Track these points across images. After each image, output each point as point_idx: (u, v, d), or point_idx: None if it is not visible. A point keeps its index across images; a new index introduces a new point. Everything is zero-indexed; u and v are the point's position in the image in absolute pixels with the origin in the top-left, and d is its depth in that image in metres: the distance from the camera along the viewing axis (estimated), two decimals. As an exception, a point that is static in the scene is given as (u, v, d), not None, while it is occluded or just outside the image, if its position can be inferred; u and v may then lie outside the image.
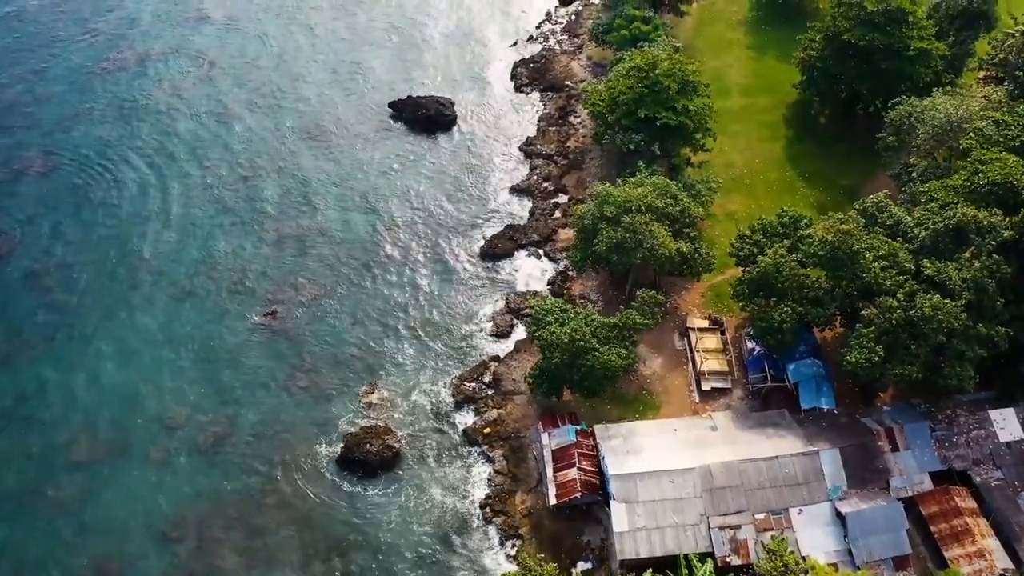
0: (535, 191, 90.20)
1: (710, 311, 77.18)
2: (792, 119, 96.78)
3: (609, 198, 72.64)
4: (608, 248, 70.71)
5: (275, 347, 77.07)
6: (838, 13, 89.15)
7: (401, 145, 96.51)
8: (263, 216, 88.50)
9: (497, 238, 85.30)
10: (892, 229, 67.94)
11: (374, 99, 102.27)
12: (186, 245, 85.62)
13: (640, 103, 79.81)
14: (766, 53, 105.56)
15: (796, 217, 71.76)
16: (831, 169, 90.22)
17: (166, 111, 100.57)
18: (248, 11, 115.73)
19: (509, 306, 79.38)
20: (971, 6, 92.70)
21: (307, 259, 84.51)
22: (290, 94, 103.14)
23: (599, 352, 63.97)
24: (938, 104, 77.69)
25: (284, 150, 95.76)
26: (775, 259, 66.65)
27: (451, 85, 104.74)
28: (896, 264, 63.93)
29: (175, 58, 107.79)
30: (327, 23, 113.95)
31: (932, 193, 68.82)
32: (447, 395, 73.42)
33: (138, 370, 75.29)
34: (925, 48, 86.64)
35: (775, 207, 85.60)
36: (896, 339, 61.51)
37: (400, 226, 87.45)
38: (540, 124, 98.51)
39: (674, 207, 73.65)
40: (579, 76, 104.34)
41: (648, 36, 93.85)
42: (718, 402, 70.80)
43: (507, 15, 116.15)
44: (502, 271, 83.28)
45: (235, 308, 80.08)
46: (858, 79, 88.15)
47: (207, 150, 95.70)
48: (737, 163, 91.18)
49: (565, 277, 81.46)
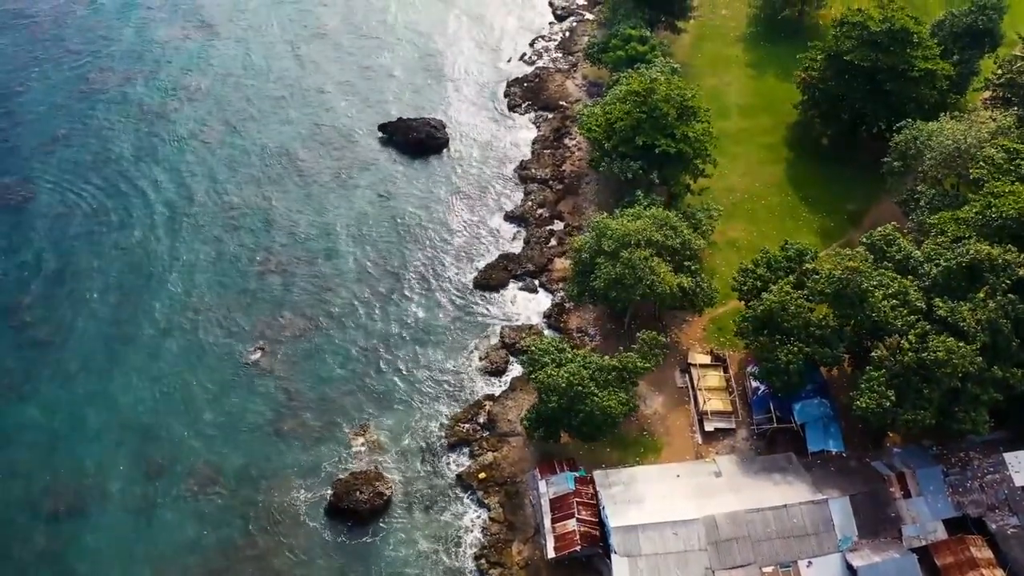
0: (530, 218, 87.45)
1: (712, 346, 74.55)
2: (793, 140, 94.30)
3: (607, 231, 69.98)
4: (606, 284, 68.09)
5: (261, 387, 74.12)
6: (840, 33, 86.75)
7: (391, 170, 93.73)
8: (248, 248, 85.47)
9: (491, 268, 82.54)
10: (901, 264, 65.41)
11: (363, 121, 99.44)
12: (169, 279, 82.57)
13: (638, 130, 77.16)
14: (765, 71, 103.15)
15: (801, 250, 69.18)
16: (834, 193, 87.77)
17: (148, 135, 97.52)
18: (233, 32, 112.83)
19: (504, 341, 76.58)
20: (976, 24, 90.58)
21: (293, 293, 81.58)
22: (277, 117, 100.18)
23: (598, 397, 61.27)
24: (946, 129, 75.29)
25: (270, 176, 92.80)
26: (780, 296, 64.05)
27: (443, 105, 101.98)
28: (907, 303, 61.37)
29: (157, 80, 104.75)
30: (314, 43, 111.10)
31: (942, 226, 66.29)
32: (440, 437, 70.57)
33: (120, 412, 72.24)
34: (930, 69, 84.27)
35: (777, 234, 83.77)
36: (908, 383, 58.95)
37: (390, 256, 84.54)
38: (534, 146, 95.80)
39: (674, 239, 71.06)
40: (574, 96, 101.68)
41: (645, 56, 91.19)
42: (722, 443, 68.20)
43: (501, 32, 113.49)
44: (496, 303, 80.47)
45: (219, 345, 77.05)
46: (861, 101, 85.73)
47: (190, 177, 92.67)
48: (738, 187, 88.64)
49: (562, 309, 78.73)
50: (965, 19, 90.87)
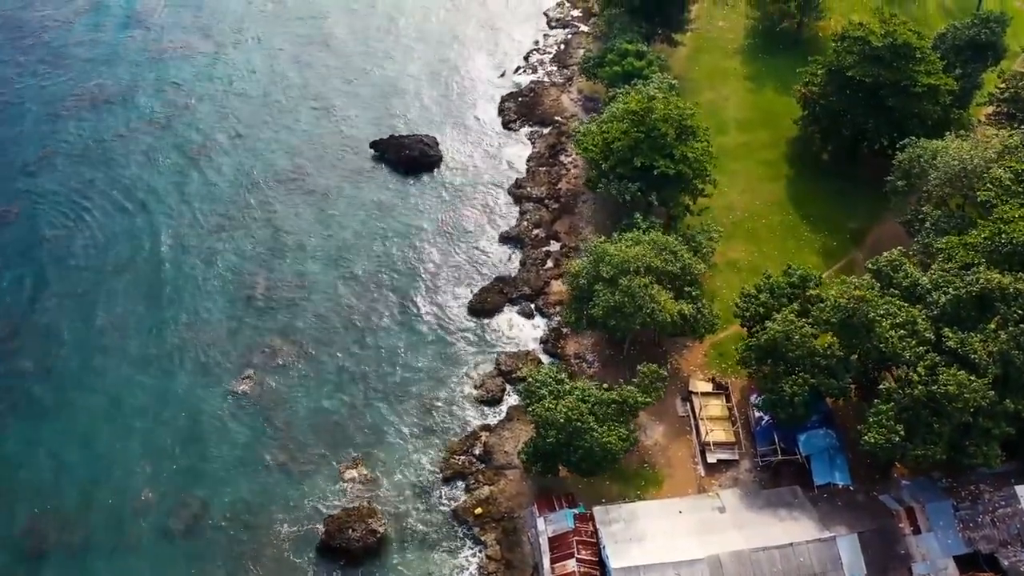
0: (525, 239, 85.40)
1: (713, 372, 72.59)
2: (794, 156, 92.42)
3: (605, 256, 67.97)
4: (605, 313, 66.11)
5: (249, 418, 71.88)
6: (841, 48, 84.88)
7: (383, 189, 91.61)
8: (237, 270, 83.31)
9: (486, 292, 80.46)
10: (908, 291, 63.51)
11: (355, 138, 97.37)
12: (156, 304, 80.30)
13: (635, 150, 75.17)
14: (764, 84, 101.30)
15: (805, 276, 67.21)
16: (836, 211, 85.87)
17: (137, 153, 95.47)
18: (225, 45, 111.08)
19: (500, 368, 74.49)
20: (979, 37, 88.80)
21: (283, 318, 79.30)
22: (267, 133, 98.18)
23: (597, 432, 59.23)
24: (951, 148, 73.41)
25: (260, 196, 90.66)
26: (784, 326, 62.09)
27: (436, 121, 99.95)
28: (915, 333, 59.42)
29: (147, 95, 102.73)
30: (306, 59, 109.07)
31: (950, 251, 64.41)
32: (435, 470, 68.37)
33: (104, 446, 69.83)
34: (933, 84, 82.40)
35: (779, 254, 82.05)
36: (917, 416, 57.04)
37: (382, 279, 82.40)
38: (530, 164, 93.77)
39: (674, 264, 69.09)
40: (569, 111, 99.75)
41: (642, 72, 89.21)
42: (725, 475, 66.19)
43: (495, 45, 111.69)
44: (492, 329, 78.33)
45: (206, 375, 74.74)
46: (863, 116, 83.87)
47: (180, 197, 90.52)
48: (737, 206, 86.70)
49: (559, 335, 76.66)
50: (967, 32, 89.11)
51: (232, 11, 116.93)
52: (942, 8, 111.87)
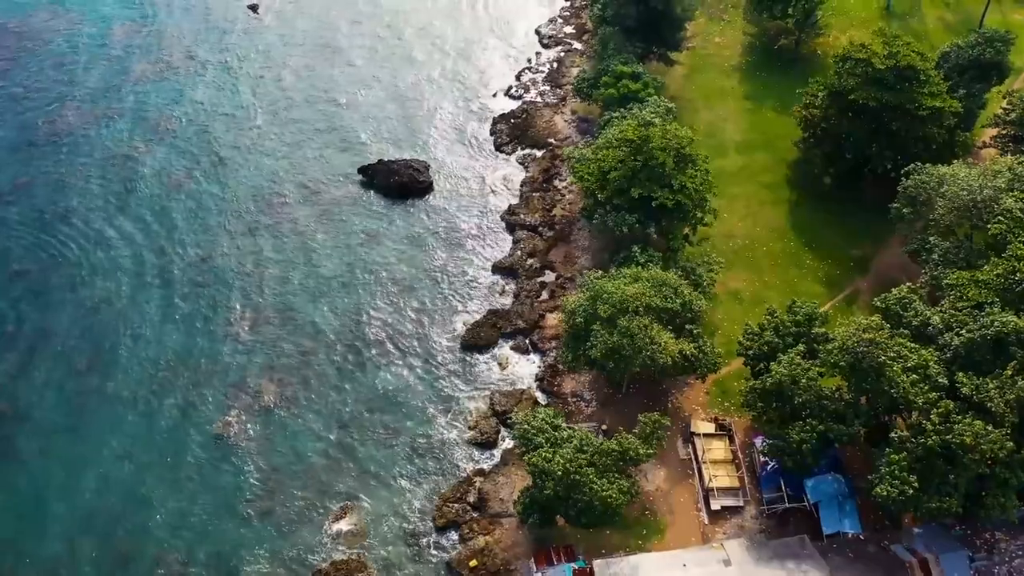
0: (519, 269, 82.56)
1: (716, 412, 69.95)
2: (794, 179, 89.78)
3: (603, 294, 65.18)
4: (603, 354, 63.37)
5: (234, 463, 68.95)
6: (843, 70, 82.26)
7: (372, 217, 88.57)
8: (219, 305, 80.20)
9: (479, 326, 77.59)
10: (918, 330, 60.97)
11: (342, 164, 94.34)
12: (135, 342, 77.25)
13: (633, 180, 72.43)
14: (763, 103, 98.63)
15: (810, 314, 64.57)
16: (839, 237, 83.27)
17: (116, 182, 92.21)
18: (206, 67, 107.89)
19: (494, 408, 71.69)
20: (983, 56, 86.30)
21: (267, 355, 76.32)
22: (251, 159, 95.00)
23: (596, 485, 56.45)
24: (959, 177, 70.87)
25: (243, 226, 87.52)
26: (791, 369, 59.50)
27: (426, 145, 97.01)
28: (927, 378, 56.84)
29: (126, 121, 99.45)
30: (290, 81, 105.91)
31: (961, 289, 61.82)
32: (427, 518, 65.52)
33: (83, 493, 67.02)
34: (938, 106, 79.94)
35: (781, 283, 79.56)
36: (931, 467, 54.43)
37: (370, 314, 79.46)
38: (523, 189, 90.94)
39: (674, 300, 66.36)
40: (563, 133, 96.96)
41: (637, 94, 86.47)
42: (729, 523, 63.49)
43: (486, 64, 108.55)
44: (485, 365, 75.44)
45: (189, 417, 71.86)
46: (866, 140, 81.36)
47: (160, 228, 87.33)
48: (738, 232, 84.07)
49: (555, 371, 73.87)
50: (971, 51, 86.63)
51: (213, 33, 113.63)
52: (942, 21, 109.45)
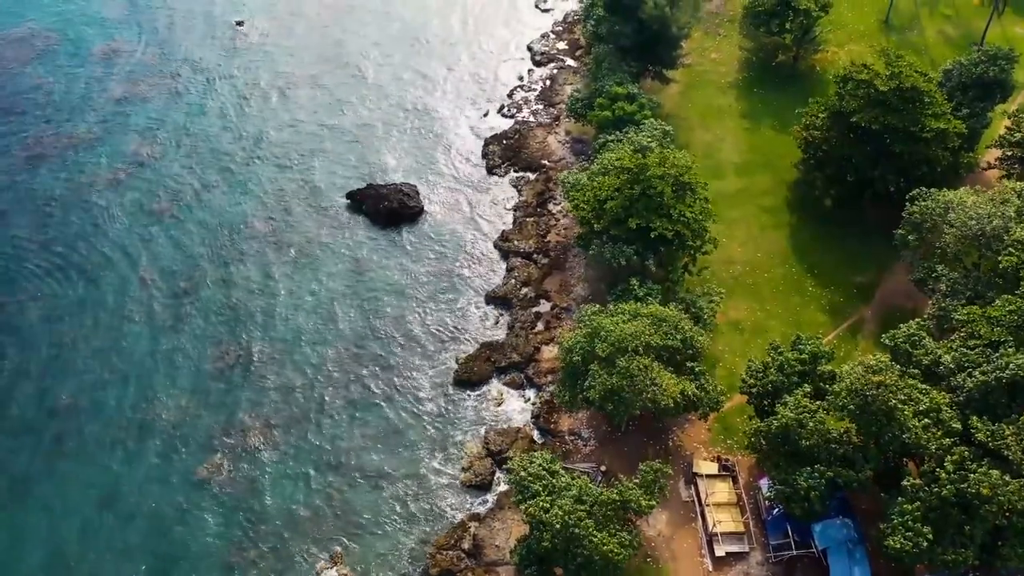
0: (513, 299, 80.00)
1: (719, 450, 67.58)
2: (795, 202, 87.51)
3: (600, 332, 62.72)
4: (602, 396, 60.92)
5: (219, 509, 66.21)
6: (844, 91, 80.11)
7: (360, 245, 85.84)
8: (203, 340, 77.44)
9: (472, 360, 75.01)
10: (928, 369, 58.75)
11: (330, 189, 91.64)
12: (116, 381, 74.34)
13: (630, 210, 70.00)
14: (761, 122, 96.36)
15: (816, 352, 62.24)
16: (842, 263, 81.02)
17: (97, 210, 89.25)
18: (189, 87, 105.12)
19: (488, 448, 69.14)
20: (987, 75, 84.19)
21: (254, 392, 73.63)
22: (236, 184, 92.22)
23: (597, 539, 53.93)
24: (967, 204, 68.71)
25: (228, 255, 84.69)
26: (797, 413, 57.18)
27: (416, 168, 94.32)
28: (940, 422, 54.61)
29: (107, 144, 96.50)
30: (277, 102, 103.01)
31: (972, 325, 59.60)
32: (421, 566, 62.83)
33: (62, 544, 64.03)
34: (942, 128, 77.83)
35: (783, 312, 77.33)
36: (946, 517, 52.19)
37: (360, 347, 76.75)
38: (516, 214, 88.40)
39: (675, 337, 63.94)
40: (557, 154, 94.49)
41: (633, 116, 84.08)
42: (734, 569, 61.03)
43: (477, 82, 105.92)
44: (479, 402, 72.82)
45: (172, 460, 69.04)
46: (869, 163, 79.16)
47: (142, 258, 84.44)
48: (738, 258, 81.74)
49: (551, 407, 71.37)
50: (975, 69, 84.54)
51: (197, 51, 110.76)
52: (942, 35, 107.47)
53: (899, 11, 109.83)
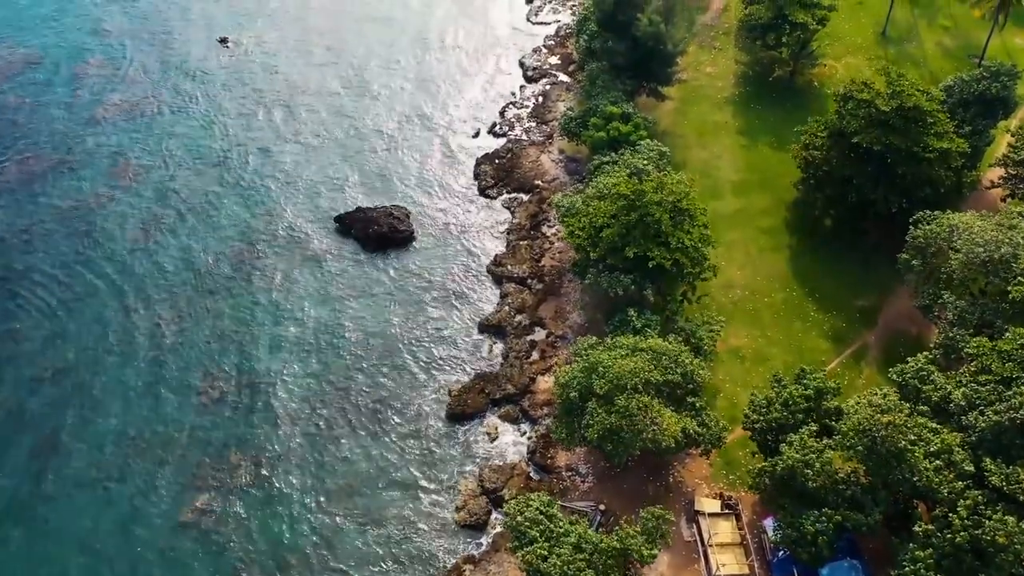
0: (507, 326, 77.74)
1: (721, 486, 65.45)
2: (794, 222, 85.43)
3: (598, 367, 60.53)
4: (600, 437, 58.74)
5: (205, 552, 63.66)
6: (845, 111, 78.07)
7: (349, 271, 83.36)
8: (188, 372, 74.95)
9: (465, 392, 72.72)
10: (938, 406, 56.75)
11: (318, 212, 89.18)
12: (97, 416, 71.90)
13: (627, 239, 67.83)
14: (758, 139, 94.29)
15: (821, 388, 60.14)
16: (843, 286, 78.97)
17: (75, 236, 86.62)
18: (170, 105, 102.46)
19: (483, 486, 66.86)
20: (989, 91, 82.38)
21: (238, 428, 71.20)
22: (219, 208, 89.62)
23: (597, 591, 51.87)
24: (974, 230, 66.76)
25: (212, 283, 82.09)
26: (803, 453, 55.12)
27: (406, 189, 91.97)
28: (952, 464, 52.62)
29: (86, 166, 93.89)
30: (262, 120, 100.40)
31: (983, 359, 57.59)
32: (413, 614, 61.03)
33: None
34: (945, 148, 75.95)
35: (785, 338, 75.30)
36: (959, 564, 50.14)
37: (350, 379, 74.35)
38: (509, 237, 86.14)
39: (675, 372, 61.81)
40: (551, 174, 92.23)
41: (628, 137, 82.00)
42: (739, 613, 59.15)
43: (468, 99, 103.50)
44: (473, 437, 70.52)
45: (155, 501, 66.51)
46: (871, 184, 77.20)
47: (123, 285, 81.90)
48: (737, 282, 79.65)
49: (548, 442, 69.11)
50: (977, 86, 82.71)
51: (181, 69, 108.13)
52: (941, 47, 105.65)
53: (897, 23, 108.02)
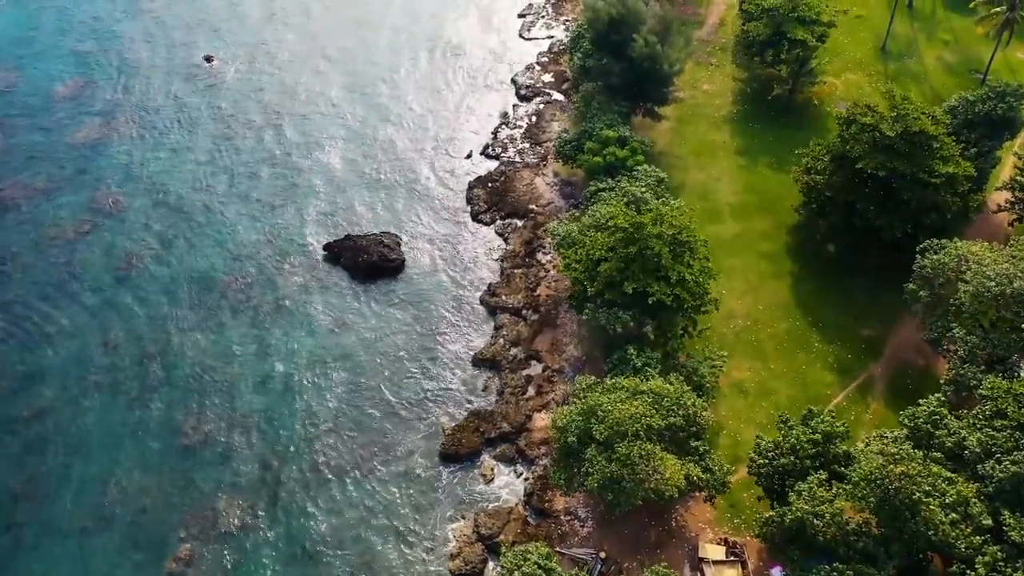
0: (502, 360, 75.23)
1: (726, 531, 63.13)
2: (795, 247, 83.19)
3: (597, 411, 58.09)
4: (601, 486, 56.32)
5: (188, 608, 61.51)
6: (848, 135, 75.86)
7: (338, 303, 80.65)
8: (171, 412, 72.26)
9: (460, 431, 70.18)
10: (952, 451, 54.53)
11: (306, 240, 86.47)
12: (77, 460, 69.15)
13: (625, 273, 65.36)
14: (757, 159, 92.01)
15: (829, 433, 57.78)
16: (847, 314, 76.78)
17: (55, 269, 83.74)
18: (153, 130, 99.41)
19: (478, 531, 64.32)
20: (995, 112, 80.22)
21: (226, 471, 68.58)
22: (204, 237, 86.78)
23: (599, 653, 49.56)
24: (984, 262, 64.57)
25: (196, 317, 79.28)
26: (813, 504, 52.80)
27: (397, 214, 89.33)
28: (968, 516, 50.41)
29: (65, 195, 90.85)
30: (248, 144, 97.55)
31: (998, 402, 55.41)
32: (407, 670, 58.59)
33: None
34: (951, 172, 73.80)
35: (788, 371, 73.08)
36: (979, 624, 48.09)
37: (338, 419, 71.68)
38: (503, 265, 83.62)
39: (677, 414, 59.43)
40: (545, 198, 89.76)
41: (625, 162, 79.64)
42: (746, 668, 56.91)
43: (460, 119, 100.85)
44: (467, 479, 67.97)
45: (138, 551, 63.85)
46: (875, 211, 74.97)
47: (105, 319, 79.25)
48: (738, 311, 77.33)
49: (545, 484, 66.66)
50: (982, 107, 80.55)
51: (164, 89, 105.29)
52: (941, 62, 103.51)
53: (896, 37, 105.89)
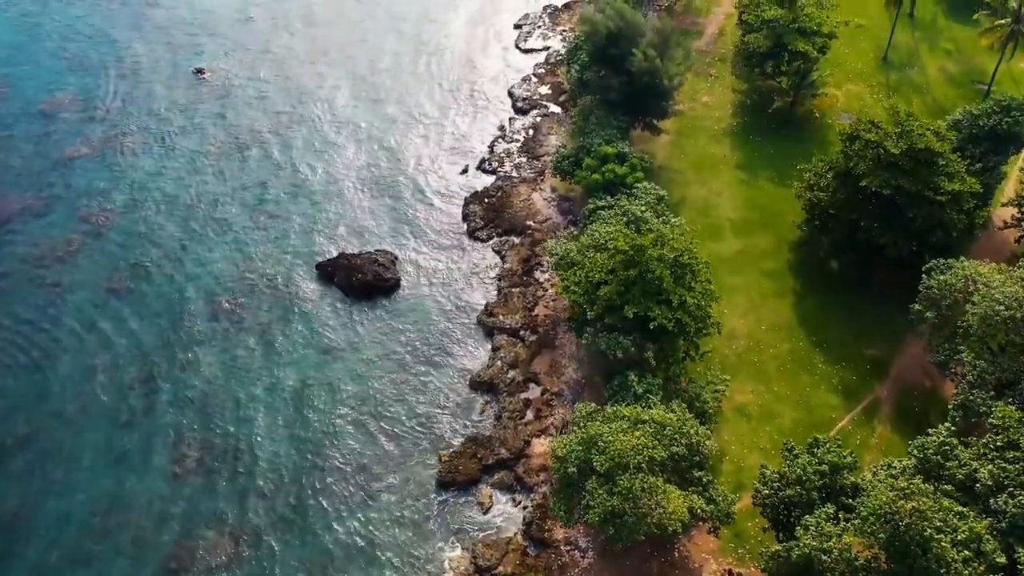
0: (499, 384, 73.61)
1: (730, 562, 61.59)
2: (798, 265, 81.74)
3: (598, 442, 56.43)
4: (602, 520, 54.71)
5: (177, 645, 59.82)
6: (852, 151, 74.48)
7: (331, 324, 78.86)
8: (162, 438, 70.36)
9: (457, 458, 68.51)
10: (962, 484, 53.03)
11: (299, 259, 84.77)
12: (65, 487, 67.17)
13: (626, 296, 63.79)
14: (758, 174, 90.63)
15: (836, 464, 56.18)
16: (852, 334, 75.38)
17: (43, 288, 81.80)
18: (143, 144, 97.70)
19: (476, 563, 62.64)
20: (1000, 127, 78.91)
21: (218, 499, 66.82)
22: (194, 256, 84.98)
23: None
24: (993, 285, 63.12)
25: (185, 339, 77.55)
26: (821, 541, 51.24)
27: (391, 232, 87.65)
28: (981, 554, 48.91)
29: (54, 212, 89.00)
30: (237, 161, 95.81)
31: (1010, 432, 53.93)
32: None
33: None
34: (957, 189, 72.44)
35: (792, 394, 71.64)
36: (993, 666, 46.63)
37: (334, 446, 69.94)
38: (500, 284, 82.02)
39: (679, 444, 57.85)
40: (543, 214, 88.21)
41: (624, 179, 78.11)
42: None
43: (455, 133, 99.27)
44: (465, 507, 66.18)
45: (126, 584, 62.58)
46: (880, 229, 73.56)
47: (93, 342, 77.27)
48: (740, 332, 75.86)
49: (545, 512, 65.10)
50: (987, 121, 79.21)
51: (155, 102, 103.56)
52: (944, 72, 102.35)
53: (898, 47, 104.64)
